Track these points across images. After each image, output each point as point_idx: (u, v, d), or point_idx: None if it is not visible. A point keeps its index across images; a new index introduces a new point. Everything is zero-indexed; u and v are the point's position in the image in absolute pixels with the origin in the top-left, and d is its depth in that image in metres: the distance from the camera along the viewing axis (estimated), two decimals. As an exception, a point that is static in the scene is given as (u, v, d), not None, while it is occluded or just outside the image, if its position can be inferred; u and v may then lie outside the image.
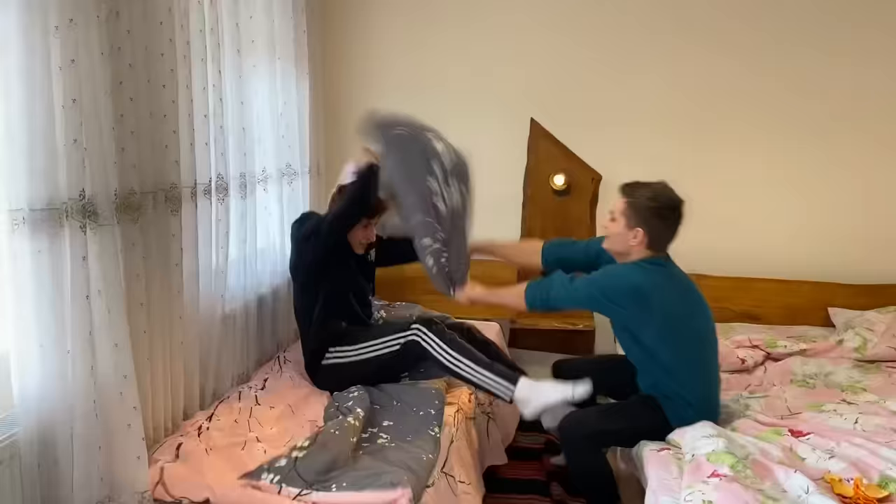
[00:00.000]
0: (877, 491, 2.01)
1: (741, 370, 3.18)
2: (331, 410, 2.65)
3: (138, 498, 2.06)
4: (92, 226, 1.94)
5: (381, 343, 2.76)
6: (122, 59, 2.12)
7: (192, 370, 2.65)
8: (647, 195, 2.49)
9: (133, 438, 2.07)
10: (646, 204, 2.47)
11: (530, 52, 3.87)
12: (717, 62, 3.73)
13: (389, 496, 2.04)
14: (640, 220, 2.48)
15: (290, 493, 2.08)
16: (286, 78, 3.41)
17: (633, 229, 2.49)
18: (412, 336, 2.71)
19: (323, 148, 3.97)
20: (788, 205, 3.77)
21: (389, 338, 2.76)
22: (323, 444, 2.32)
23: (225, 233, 2.83)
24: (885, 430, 2.44)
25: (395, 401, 2.75)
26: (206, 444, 2.39)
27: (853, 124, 3.68)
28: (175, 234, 2.45)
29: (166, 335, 2.44)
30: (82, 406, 1.94)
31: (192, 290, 2.59)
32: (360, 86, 4.02)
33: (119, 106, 2.11)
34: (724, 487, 1.94)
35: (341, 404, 2.67)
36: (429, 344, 2.68)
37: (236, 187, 2.92)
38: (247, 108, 3.00)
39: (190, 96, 2.50)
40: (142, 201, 2.24)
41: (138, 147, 2.23)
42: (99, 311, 1.98)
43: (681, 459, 2.26)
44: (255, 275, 3.15)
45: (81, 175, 1.91)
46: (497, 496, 2.90)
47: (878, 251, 3.73)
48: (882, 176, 3.70)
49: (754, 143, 3.77)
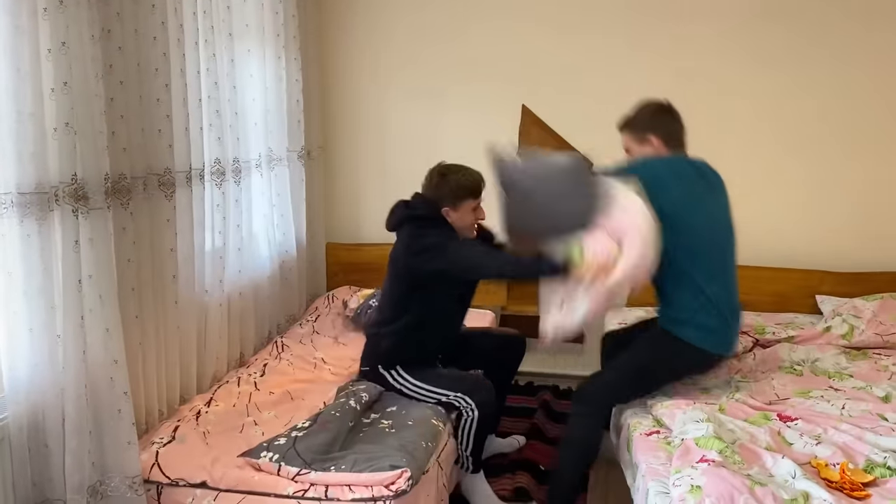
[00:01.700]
0: (862, 476, 2.04)
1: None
2: (341, 393, 2.65)
3: (129, 483, 2.07)
4: (83, 210, 1.93)
5: (434, 391, 2.65)
6: (112, 42, 2.11)
7: (189, 355, 2.65)
8: (637, 109, 2.56)
9: (124, 423, 2.08)
10: (640, 114, 2.53)
11: (523, 37, 3.86)
12: (711, 51, 3.72)
13: (388, 477, 2.06)
14: (645, 128, 2.51)
15: (289, 473, 2.09)
16: (279, 62, 3.40)
17: (645, 139, 2.51)
18: (457, 404, 2.61)
19: (318, 132, 3.96)
20: (778, 194, 3.78)
21: (443, 392, 2.63)
22: (323, 424, 2.34)
23: (222, 218, 2.83)
24: (872, 415, 2.46)
25: None
26: (203, 426, 2.40)
27: (842, 116, 3.68)
28: (170, 218, 2.45)
29: (160, 320, 2.44)
30: (73, 391, 1.95)
31: (187, 275, 2.58)
32: (357, 69, 4.00)
33: (109, 89, 2.10)
34: (712, 472, 1.96)
35: (353, 387, 2.68)
36: (465, 416, 2.60)
37: (230, 172, 2.91)
38: (240, 92, 2.99)
39: (184, 81, 2.48)
40: (132, 185, 2.24)
41: (128, 131, 2.22)
42: (91, 296, 1.98)
43: (670, 444, 2.28)
44: (250, 259, 3.15)
45: (73, 159, 1.91)
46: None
47: (865, 240, 3.74)
48: (870, 166, 3.71)
49: (745, 132, 3.77)
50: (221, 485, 2.11)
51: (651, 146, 2.49)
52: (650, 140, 2.49)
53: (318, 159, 3.95)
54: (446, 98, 3.95)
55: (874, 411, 2.48)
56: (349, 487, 2.05)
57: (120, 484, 2.07)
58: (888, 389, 2.70)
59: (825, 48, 3.64)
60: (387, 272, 2.79)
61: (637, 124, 2.51)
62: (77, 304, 1.95)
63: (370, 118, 4.04)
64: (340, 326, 3.55)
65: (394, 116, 4.01)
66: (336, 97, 4.05)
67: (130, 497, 2.08)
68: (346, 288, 3.95)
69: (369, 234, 4.12)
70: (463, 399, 2.59)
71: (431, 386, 2.65)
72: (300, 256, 3.71)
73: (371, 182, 4.11)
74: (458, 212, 2.65)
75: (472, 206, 2.66)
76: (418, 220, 2.64)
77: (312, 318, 3.60)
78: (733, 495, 1.87)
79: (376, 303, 3.44)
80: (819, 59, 3.66)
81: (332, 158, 4.11)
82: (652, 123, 2.50)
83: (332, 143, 4.10)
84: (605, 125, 3.85)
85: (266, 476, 2.11)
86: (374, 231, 4.12)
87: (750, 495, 1.87)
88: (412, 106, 3.97)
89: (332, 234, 4.15)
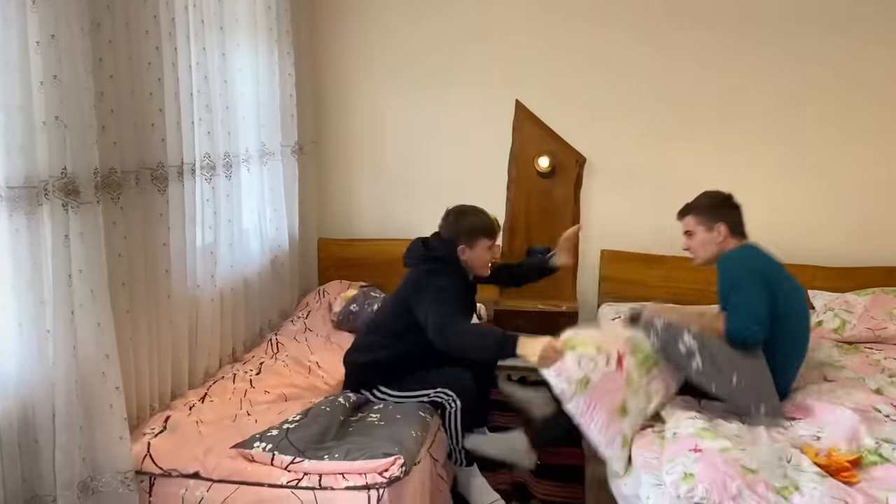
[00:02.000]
0: (849, 455, 2.06)
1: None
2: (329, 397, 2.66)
3: (121, 478, 2.06)
4: (73, 204, 1.92)
5: (417, 395, 2.68)
6: (103, 36, 2.09)
7: (181, 350, 2.64)
8: (702, 198, 2.71)
9: (115, 419, 2.06)
10: (707, 202, 2.68)
11: (517, 33, 3.85)
12: (702, 48, 3.72)
13: (381, 465, 2.06)
14: (713, 216, 2.65)
15: (283, 462, 2.10)
16: (270, 56, 3.38)
17: (713, 227, 2.65)
18: (439, 399, 2.64)
19: (311, 127, 3.95)
20: (770, 190, 3.79)
21: (425, 392, 2.66)
22: (314, 417, 2.35)
23: (212, 213, 2.81)
24: (865, 406, 2.48)
25: None
26: (196, 417, 2.40)
27: (834, 112, 3.69)
28: (163, 213, 2.44)
29: (152, 315, 2.43)
30: (63, 386, 1.93)
31: (179, 270, 2.57)
32: (351, 64, 3.98)
33: (100, 83, 2.09)
34: (705, 460, 1.96)
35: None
36: (448, 408, 2.63)
37: (221, 167, 2.90)
38: (231, 86, 2.97)
39: (176, 74, 2.47)
40: (123, 180, 2.22)
41: (119, 125, 2.20)
42: (81, 291, 1.96)
43: (664, 438, 2.28)
44: (241, 255, 3.14)
45: (63, 153, 1.89)
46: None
47: (856, 235, 3.76)
48: (862, 162, 3.72)
49: (737, 128, 3.78)
50: (214, 475, 2.10)
51: (718, 233, 2.65)
52: (718, 228, 2.64)
53: (311, 154, 3.94)
54: (440, 94, 3.94)
55: (866, 402, 2.50)
56: (343, 476, 2.06)
57: (111, 479, 2.06)
58: (881, 382, 2.71)
59: (821, 48, 3.65)
60: (389, 302, 2.86)
61: (706, 212, 2.67)
62: (67, 298, 1.93)
63: (364, 113, 4.03)
64: (331, 324, 3.54)
65: (387, 112, 4.00)
66: (329, 92, 4.03)
67: (122, 493, 2.07)
68: (336, 283, 3.94)
69: (361, 229, 4.12)
70: (444, 393, 2.62)
71: (414, 391, 2.69)
72: (292, 251, 3.70)
73: (364, 177, 4.10)
74: (474, 250, 2.74)
75: (487, 245, 2.75)
76: (434, 262, 2.70)
77: (304, 315, 3.59)
78: (726, 482, 1.88)
79: (357, 307, 3.44)
80: (812, 57, 3.67)
81: (325, 153, 4.10)
82: (721, 213, 2.66)
83: (325, 138, 4.09)
84: (603, 119, 3.89)
85: (259, 466, 2.11)
86: (366, 226, 4.12)
87: (742, 482, 1.88)
88: (406, 101, 3.97)
89: (324, 230, 4.14)
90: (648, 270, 3.87)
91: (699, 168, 3.80)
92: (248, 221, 3.30)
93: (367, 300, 3.50)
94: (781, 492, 1.88)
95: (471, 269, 2.78)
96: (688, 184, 3.83)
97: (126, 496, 2.07)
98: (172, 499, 2.10)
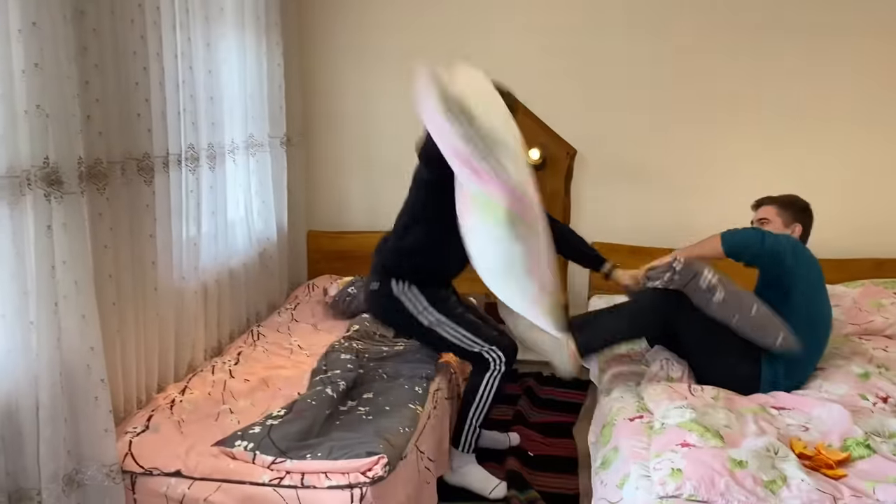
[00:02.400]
0: (836, 454, 2.06)
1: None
2: (315, 379, 2.64)
3: (106, 471, 2.04)
4: (56, 195, 1.89)
5: (468, 338, 2.61)
6: (87, 24, 2.07)
7: (167, 342, 2.63)
8: (790, 196, 2.84)
9: (101, 411, 2.04)
10: (793, 203, 2.81)
11: (509, 24, 3.84)
12: (694, 38, 3.72)
13: (365, 464, 2.04)
14: (794, 217, 2.78)
15: (264, 461, 2.07)
16: (258, 47, 3.36)
17: (791, 225, 2.78)
18: (488, 357, 2.60)
19: (300, 118, 3.93)
20: (762, 180, 3.78)
21: (478, 341, 2.61)
22: (298, 412, 2.32)
23: (196, 204, 2.79)
24: (852, 396, 2.49)
25: (384, 373, 2.75)
26: (177, 415, 2.38)
27: (828, 103, 3.70)
28: (149, 204, 2.41)
29: (138, 307, 2.41)
30: (47, 378, 1.91)
31: (165, 262, 2.56)
32: (340, 55, 3.96)
33: (84, 72, 2.06)
34: (693, 455, 1.96)
35: (330, 370, 2.68)
36: (492, 372, 2.60)
37: (205, 158, 2.87)
38: (215, 77, 2.95)
39: (161, 64, 2.45)
40: (109, 170, 2.20)
41: (105, 115, 2.18)
42: (65, 283, 1.94)
43: (652, 428, 2.28)
44: (226, 247, 3.11)
45: (45, 142, 1.86)
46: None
47: (847, 227, 3.77)
48: (854, 153, 3.73)
49: (731, 118, 3.78)
50: (196, 473, 2.08)
51: (793, 232, 2.78)
52: (795, 228, 2.78)
53: (299, 146, 3.92)
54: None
55: (854, 391, 2.51)
56: (325, 475, 2.03)
57: (97, 472, 2.04)
58: (867, 367, 2.72)
59: (810, 41, 3.65)
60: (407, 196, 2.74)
61: (790, 209, 2.80)
62: (51, 290, 1.91)
63: (354, 105, 4.00)
64: (321, 314, 3.52)
65: (378, 103, 3.98)
66: (318, 83, 4.01)
67: (108, 486, 2.05)
68: (327, 276, 3.93)
69: (351, 221, 4.10)
70: (494, 352, 2.59)
71: (467, 334, 2.60)
72: (281, 244, 3.68)
73: (354, 169, 4.08)
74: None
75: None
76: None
77: (292, 307, 3.58)
78: (714, 478, 1.88)
79: (355, 290, 3.43)
80: (804, 50, 3.66)
81: (314, 145, 4.08)
82: (802, 217, 2.81)
83: (314, 130, 4.07)
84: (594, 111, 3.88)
85: (241, 464, 2.09)
86: (356, 218, 4.10)
87: (730, 477, 1.88)
88: (396, 92, 3.94)
89: (313, 222, 4.12)
90: (638, 263, 3.83)
91: (693, 159, 3.81)
92: (235, 213, 3.28)
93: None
94: (769, 486, 1.88)
95: None
96: (681, 175, 3.87)
97: (111, 489, 2.05)
98: (155, 495, 2.09)
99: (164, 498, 2.07)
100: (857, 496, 1.85)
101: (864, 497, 1.85)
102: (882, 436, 2.20)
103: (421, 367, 2.79)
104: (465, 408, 2.69)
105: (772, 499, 1.85)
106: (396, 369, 2.78)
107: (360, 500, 1.99)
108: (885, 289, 3.44)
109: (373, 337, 3.15)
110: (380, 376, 2.74)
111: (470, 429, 2.67)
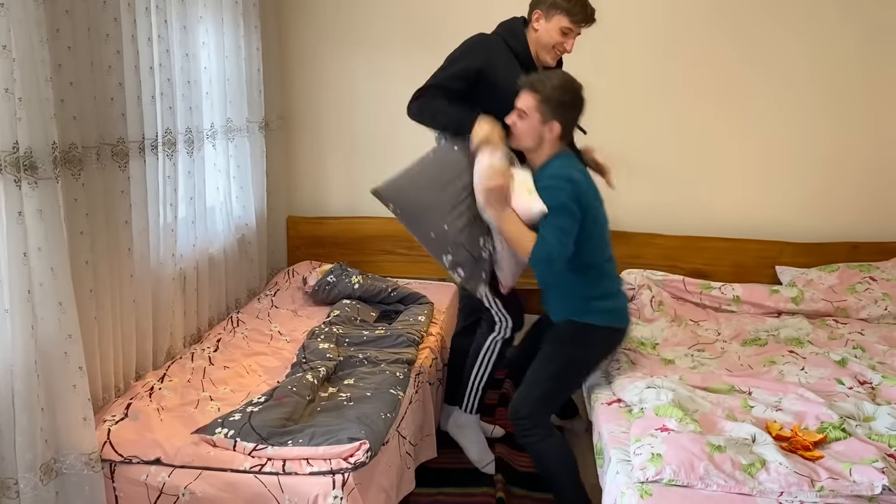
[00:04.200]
0: (813, 435, 2.09)
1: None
2: (296, 365, 2.63)
3: (85, 460, 2.02)
4: (29, 180, 1.86)
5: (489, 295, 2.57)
6: (59, 5, 2.02)
7: (145, 330, 2.60)
8: (557, 87, 2.40)
9: (79, 399, 2.02)
10: (559, 97, 2.39)
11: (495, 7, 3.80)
12: (672, 21, 3.71)
13: (346, 450, 2.04)
14: (555, 113, 2.39)
15: (245, 448, 2.07)
16: (236, 30, 3.30)
17: (549, 123, 2.40)
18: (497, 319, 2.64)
19: (279, 102, 3.88)
20: (739, 165, 3.81)
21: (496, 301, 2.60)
22: (279, 399, 2.31)
23: (173, 189, 2.76)
24: (829, 380, 2.53)
25: (365, 358, 2.74)
26: (157, 403, 2.36)
27: (803, 86, 3.71)
28: (124, 190, 2.38)
29: (115, 294, 2.38)
30: (22, 366, 1.88)
31: (142, 249, 2.53)
32: (321, 38, 3.90)
33: (56, 55, 2.02)
34: (672, 440, 1.98)
35: (309, 357, 2.68)
36: (496, 334, 2.66)
37: (184, 143, 2.83)
38: (193, 60, 2.90)
39: (135, 47, 2.40)
40: (84, 156, 2.16)
41: (79, 99, 2.14)
42: (40, 269, 1.91)
43: (630, 412, 2.30)
44: (204, 233, 3.08)
45: (14, 126, 1.83)
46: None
47: (823, 210, 3.80)
48: (829, 138, 3.75)
49: (706, 104, 3.78)
50: (176, 461, 2.07)
51: (550, 132, 2.42)
52: (552, 125, 2.41)
53: (278, 130, 3.88)
54: (413, 69, 3.87)
55: (832, 376, 2.54)
56: (307, 461, 2.03)
57: (76, 461, 2.02)
58: (843, 354, 2.76)
59: (789, 22, 3.66)
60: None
61: (549, 105, 2.40)
62: (24, 277, 1.88)
63: (334, 88, 3.96)
64: (301, 300, 3.51)
65: (358, 87, 3.94)
66: (298, 67, 3.96)
67: (87, 474, 2.03)
68: (307, 263, 3.91)
69: (332, 207, 4.07)
70: (503, 315, 2.64)
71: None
72: (260, 230, 3.65)
73: (335, 154, 4.04)
74: (548, 23, 2.51)
75: (563, 26, 2.50)
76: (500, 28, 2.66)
77: (271, 293, 3.56)
78: (693, 462, 1.90)
79: (334, 279, 3.42)
80: (782, 32, 3.67)
81: (293, 129, 4.03)
82: (563, 113, 2.42)
83: (293, 114, 4.02)
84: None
85: (222, 451, 2.08)
86: (337, 204, 4.07)
87: (709, 461, 1.90)
88: (377, 75, 3.90)
89: (293, 208, 4.09)
90: (617, 248, 3.87)
91: (668, 145, 3.81)
92: (214, 199, 3.25)
93: (345, 273, 3.47)
94: (748, 469, 1.90)
95: (534, 48, 2.56)
96: (657, 161, 3.87)
97: (91, 478, 2.03)
98: (135, 484, 2.07)
99: (143, 486, 2.06)
100: (834, 478, 1.88)
101: (840, 479, 1.88)
102: (857, 419, 2.24)
103: (402, 352, 2.79)
104: (469, 367, 2.74)
105: (750, 482, 1.87)
106: (377, 354, 2.77)
107: (342, 486, 1.98)
108: (861, 272, 3.49)
109: (353, 322, 3.14)
110: (360, 361, 2.73)
111: (473, 388, 2.71)
